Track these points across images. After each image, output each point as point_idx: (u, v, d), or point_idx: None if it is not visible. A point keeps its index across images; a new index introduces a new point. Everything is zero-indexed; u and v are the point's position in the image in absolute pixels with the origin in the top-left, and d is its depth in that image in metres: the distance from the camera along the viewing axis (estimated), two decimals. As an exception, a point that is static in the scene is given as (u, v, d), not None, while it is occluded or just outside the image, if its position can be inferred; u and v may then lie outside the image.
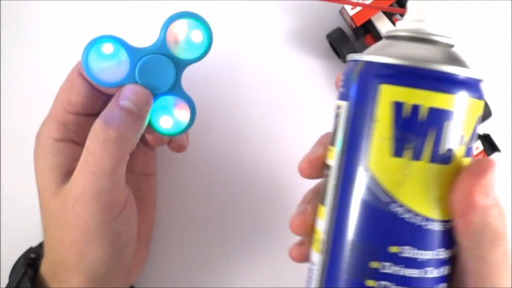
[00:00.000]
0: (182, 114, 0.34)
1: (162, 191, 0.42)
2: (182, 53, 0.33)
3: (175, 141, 0.37)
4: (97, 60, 0.32)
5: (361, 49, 0.41)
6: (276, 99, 0.42)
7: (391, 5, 0.39)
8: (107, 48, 0.32)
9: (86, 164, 0.31)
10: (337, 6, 0.40)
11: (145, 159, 0.39)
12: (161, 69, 0.32)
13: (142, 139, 0.38)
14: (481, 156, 0.40)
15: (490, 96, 0.39)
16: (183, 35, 0.33)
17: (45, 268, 0.35)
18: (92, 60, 0.32)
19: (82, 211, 0.32)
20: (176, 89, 0.33)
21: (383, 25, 0.39)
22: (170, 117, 0.34)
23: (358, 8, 0.39)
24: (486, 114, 0.39)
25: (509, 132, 0.41)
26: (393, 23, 0.39)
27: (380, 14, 0.39)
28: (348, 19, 0.39)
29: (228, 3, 0.43)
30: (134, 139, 0.32)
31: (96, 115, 0.33)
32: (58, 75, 0.40)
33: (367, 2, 0.39)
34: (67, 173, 0.33)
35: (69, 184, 0.32)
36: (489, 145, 0.40)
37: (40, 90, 0.43)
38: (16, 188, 0.42)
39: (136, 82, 0.32)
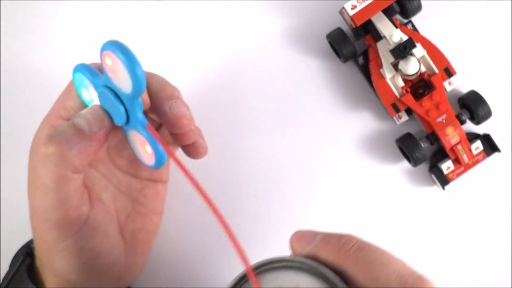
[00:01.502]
0: (147, 151, 0.32)
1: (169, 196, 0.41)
2: (122, 87, 0.29)
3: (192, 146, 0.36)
4: (81, 84, 0.32)
5: (361, 49, 0.41)
6: (276, 99, 0.42)
7: (391, 5, 0.39)
8: (78, 76, 0.32)
9: (34, 180, 0.31)
10: (337, 6, 0.40)
11: None
12: (111, 104, 0.30)
13: None
14: (481, 156, 0.40)
15: (490, 96, 0.40)
16: (116, 69, 0.29)
17: (37, 260, 0.36)
18: (77, 84, 0.33)
19: (37, 225, 0.32)
20: (133, 123, 0.31)
21: (383, 26, 0.39)
22: (141, 151, 0.32)
23: (358, 8, 0.39)
24: (486, 114, 0.39)
25: (509, 132, 0.41)
26: (393, 23, 0.39)
27: (380, 14, 0.39)
28: (348, 19, 0.39)
29: (228, 3, 0.43)
30: (78, 160, 0.30)
31: None
32: (58, 75, 0.40)
33: (367, 2, 0.39)
34: None
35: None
36: (489, 145, 0.40)
37: (40, 90, 0.43)
38: (16, 185, 0.42)
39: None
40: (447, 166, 0.40)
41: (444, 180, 0.40)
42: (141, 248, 0.38)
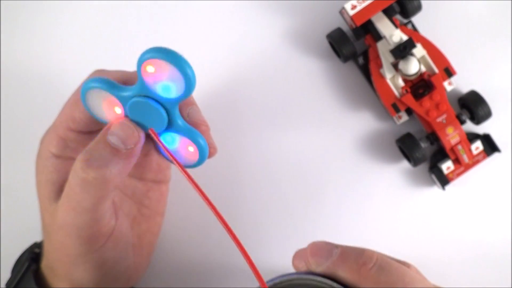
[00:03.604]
0: (189, 150, 0.32)
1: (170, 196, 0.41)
2: (165, 93, 0.29)
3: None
4: (93, 101, 0.31)
5: (361, 49, 0.41)
6: (275, 99, 0.42)
7: (391, 5, 0.39)
8: (97, 92, 0.30)
9: (67, 198, 0.30)
10: (337, 6, 0.40)
11: (158, 168, 0.38)
12: (150, 112, 0.30)
13: None
14: (481, 156, 0.40)
15: (490, 96, 0.40)
16: (160, 75, 0.28)
17: (44, 266, 0.35)
18: (89, 101, 0.31)
19: (64, 239, 0.31)
20: (175, 126, 0.30)
21: (383, 26, 0.39)
22: (182, 152, 0.32)
23: (358, 8, 0.39)
24: (486, 114, 0.39)
25: (509, 132, 0.41)
26: (393, 23, 0.39)
27: (380, 14, 0.39)
28: (348, 19, 0.39)
29: (228, 3, 0.43)
30: (118, 178, 0.30)
31: (98, 132, 0.32)
32: (58, 75, 0.40)
33: (367, 3, 0.39)
34: (60, 191, 0.32)
35: (57, 207, 0.31)
36: (489, 145, 0.40)
37: (40, 90, 0.43)
38: (16, 184, 0.42)
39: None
40: (447, 166, 0.40)
41: (444, 180, 0.40)
42: (147, 250, 0.38)
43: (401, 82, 0.39)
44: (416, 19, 0.41)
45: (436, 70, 0.39)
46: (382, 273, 0.25)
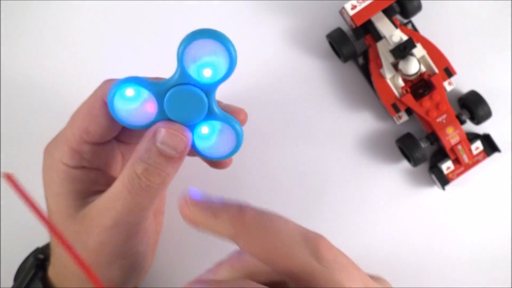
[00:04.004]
0: (225, 139, 0.31)
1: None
2: (206, 77, 0.29)
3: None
4: (123, 105, 0.30)
5: (361, 49, 0.41)
6: (275, 99, 0.42)
7: (391, 5, 0.39)
8: (130, 92, 0.30)
9: (123, 200, 0.31)
10: (337, 6, 0.40)
11: None
12: (190, 99, 0.29)
13: None
14: (481, 156, 0.40)
15: (490, 96, 0.40)
16: (203, 57, 0.29)
17: (52, 275, 0.35)
18: (118, 105, 0.30)
19: (108, 239, 0.32)
20: (213, 114, 0.30)
21: (383, 26, 0.39)
22: (219, 142, 0.32)
23: (358, 8, 0.39)
24: (486, 114, 0.39)
25: (509, 132, 0.41)
26: (393, 23, 0.39)
27: (380, 14, 0.39)
28: (348, 19, 0.39)
29: (228, 3, 0.43)
30: (171, 179, 0.32)
31: (110, 140, 0.33)
32: (59, 76, 0.40)
33: (367, 2, 0.39)
34: (85, 197, 0.33)
35: (95, 211, 0.32)
36: (489, 145, 0.40)
37: (41, 90, 0.43)
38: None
39: (168, 118, 0.30)
40: (447, 166, 0.40)
41: (444, 180, 0.40)
42: (151, 249, 0.38)
43: (401, 82, 0.39)
44: (416, 19, 0.41)
45: (436, 70, 0.39)
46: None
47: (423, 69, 0.39)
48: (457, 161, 0.40)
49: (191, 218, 0.27)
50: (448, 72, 0.39)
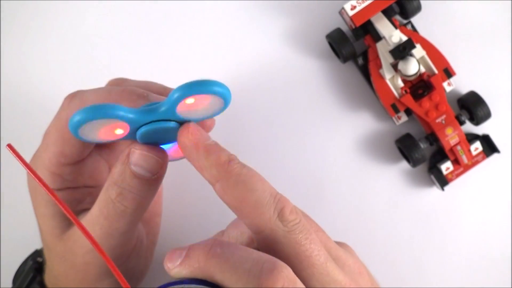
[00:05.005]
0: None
1: (164, 192, 0.42)
2: (193, 116, 0.28)
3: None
4: (89, 132, 0.27)
5: (360, 49, 0.41)
6: (274, 99, 0.42)
7: (390, 6, 0.39)
8: (96, 123, 0.27)
9: (100, 226, 0.30)
10: (337, 6, 0.40)
11: None
12: (167, 132, 0.28)
13: None
14: (480, 156, 0.40)
15: (489, 96, 0.40)
16: (198, 105, 0.28)
17: (47, 282, 0.35)
18: (84, 132, 0.27)
19: (93, 260, 0.31)
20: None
21: (382, 26, 0.39)
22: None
23: (358, 9, 0.39)
24: (486, 114, 0.39)
25: (508, 133, 0.41)
26: (393, 24, 0.39)
27: (380, 14, 0.39)
28: (348, 19, 0.39)
29: (228, 3, 0.43)
30: (152, 199, 0.31)
31: (89, 156, 0.32)
32: (58, 76, 0.40)
33: (367, 3, 0.39)
34: (69, 219, 0.32)
35: (78, 233, 0.31)
36: (489, 145, 0.40)
37: (41, 90, 0.43)
38: (16, 188, 0.42)
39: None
40: (446, 167, 0.40)
41: (443, 181, 0.40)
42: (150, 251, 0.38)
43: (400, 83, 0.39)
44: (416, 20, 0.41)
45: (436, 71, 0.39)
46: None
47: (423, 69, 0.39)
48: (456, 162, 0.40)
49: (191, 140, 0.27)
50: (448, 73, 0.39)
